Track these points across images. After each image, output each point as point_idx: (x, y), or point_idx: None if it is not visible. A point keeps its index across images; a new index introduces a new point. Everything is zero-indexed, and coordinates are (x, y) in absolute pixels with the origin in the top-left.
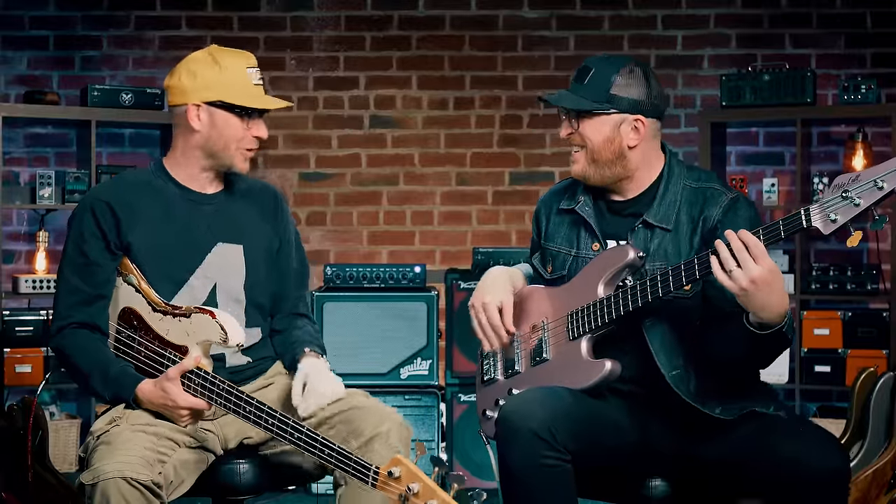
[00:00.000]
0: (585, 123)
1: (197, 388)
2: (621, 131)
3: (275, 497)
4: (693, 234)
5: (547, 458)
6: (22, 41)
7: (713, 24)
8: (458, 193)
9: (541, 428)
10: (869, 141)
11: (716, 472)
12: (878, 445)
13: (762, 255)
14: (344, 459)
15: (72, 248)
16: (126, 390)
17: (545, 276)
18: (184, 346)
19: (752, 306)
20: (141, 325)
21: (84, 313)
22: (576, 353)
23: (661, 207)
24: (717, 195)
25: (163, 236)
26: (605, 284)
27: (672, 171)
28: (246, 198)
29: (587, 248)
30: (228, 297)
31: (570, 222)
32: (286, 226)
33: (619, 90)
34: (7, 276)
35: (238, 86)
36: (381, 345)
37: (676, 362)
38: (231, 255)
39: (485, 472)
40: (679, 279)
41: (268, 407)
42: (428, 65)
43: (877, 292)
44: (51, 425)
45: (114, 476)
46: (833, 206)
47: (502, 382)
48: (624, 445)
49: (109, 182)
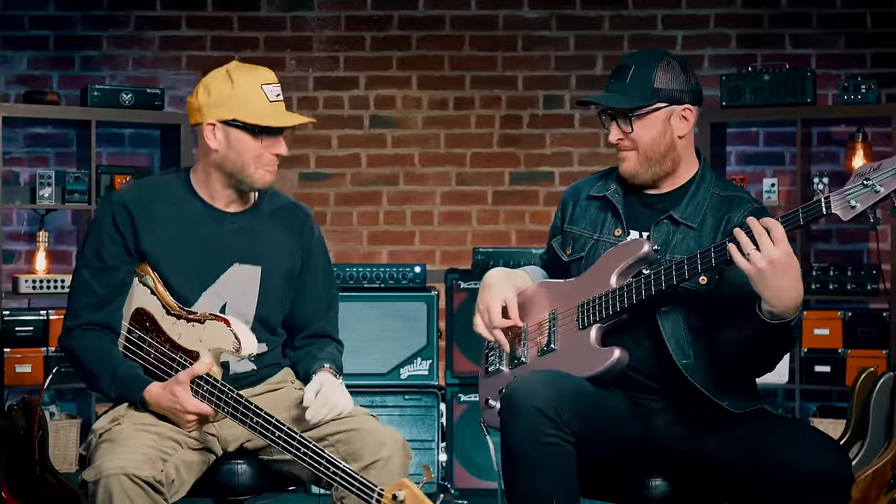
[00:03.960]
0: (637, 124)
1: (205, 394)
2: (671, 124)
3: (275, 497)
4: (716, 235)
5: (550, 437)
6: (22, 41)
7: (713, 24)
8: (458, 193)
9: (546, 405)
10: (869, 141)
11: (718, 468)
12: (878, 445)
13: (781, 239)
14: (348, 478)
15: (89, 250)
16: (133, 391)
17: (563, 259)
18: (195, 352)
19: (766, 290)
20: (153, 327)
21: (96, 315)
22: (584, 342)
23: (689, 207)
24: (743, 202)
25: (179, 251)
26: (619, 276)
27: (705, 177)
28: (273, 217)
29: (609, 233)
30: (236, 315)
31: (597, 207)
32: (312, 247)
33: (663, 83)
34: (7, 276)
35: (252, 103)
36: (381, 345)
37: (687, 352)
38: (246, 276)
39: (485, 472)
40: (695, 267)
41: (275, 419)
42: (428, 65)
43: (877, 292)
44: (51, 425)
45: (116, 472)
46: (854, 194)
47: (507, 373)
48: (626, 438)
49: (133, 186)
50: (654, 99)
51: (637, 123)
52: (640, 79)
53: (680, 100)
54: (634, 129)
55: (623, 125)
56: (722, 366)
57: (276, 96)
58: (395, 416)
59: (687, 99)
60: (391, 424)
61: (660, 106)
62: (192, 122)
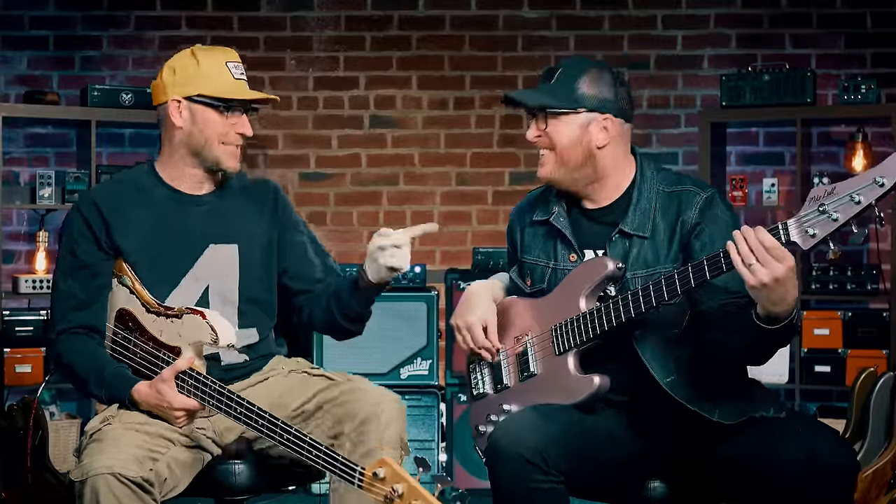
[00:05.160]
0: (553, 123)
1: (191, 388)
2: (590, 131)
3: (275, 497)
4: (671, 239)
5: (539, 483)
6: (22, 41)
7: (713, 24)
8: (458, 193)
9: (531, 453)
10: (869, 141)
11: (716, 474)
12: (878, 445)
13: (784, 256)
14: (330, 460)
15: (64, 252)
16: (121, 392)
17: (525, 290)
18: (177, 348)
19: (768, 301)
20: (136, 327)
21: (80, 317)
22: (563, 369)
23: (637, 215)
24: (691, 196)
25: (153, 240)
26: (587, 298)
27: (644, 176)
28: (243, 195)
29: (564, 259)
30: (221, 298)
31: (544, 233)
32: (287, 214)
33: (587, 89)
34: (7, 276)
35: (216, 79)
36: (381, 345)
37: (670, 368)
38: (224, 255)
39: (484, 472)
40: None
41: (257, 408)
42: (428, 65)
43: (877, 292)
44: (51, 425)
45: (103, 472)
46: (810, 221)
47: (493, 397)
48: (618, 458)
49: (101, 184)
50: (574, 103)
51: (553, 122)
52: (564, 80)
53: (601, 109)
54: (549, 126)
55: (539, 122)
56: (710, 369)
57: (240, 74)
58: None
59: (610, 109)
60: None
61: (578, 110)
62: (155, 102)
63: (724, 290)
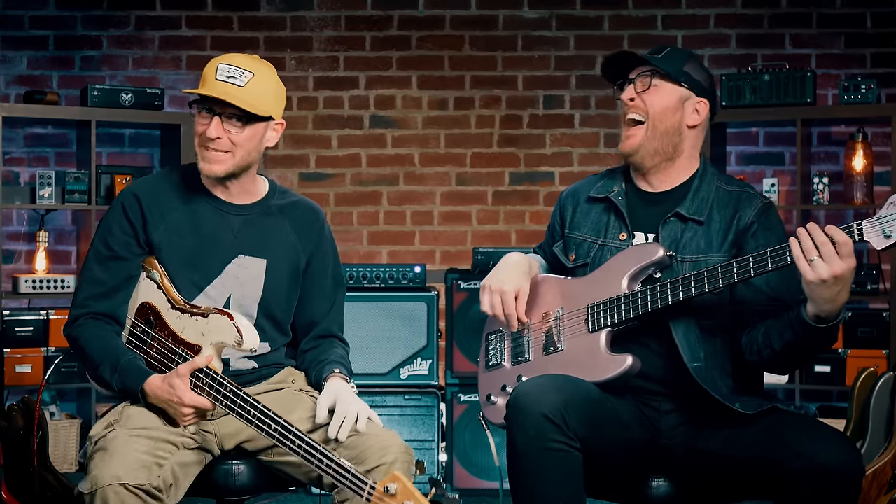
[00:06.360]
0: (653, 90)
1: (204, 387)
2: (685, 107)
3: (275, 497)
4: (727, 231)
5: (555, 442)
6: (22, 41)
7: (713, 24)
8: (458, 193)
9: (552, 411)
10: (869, 141)
11: (728, 465)
12: (878, 445)
13: (850, 255)
14: (342, 472)
15: (99, 240)
16: (135, 382)
17: (567, 265)
18: (197, 346)
19: (822, 297)
20: (157, 321)
21: (102, 305)
22: (594, 346)
23: (695, 202)
24: (752, 198)
25: (186, 242)
26: (630, 279)
27: (707, 171)
28: (282, 213)
29: (615, 237)
30: (240, 309)
31: (599, 210)
32: (320, 245)
33: (692, 71)
34: (7, 276)
35: (203, 79)
36: (381, 345)
37: (698, 355)
38: (251, 267)
39: (485, 472)
40: (746, 271)
41: (272, 412)
42: (428, 65)
43: (877, 292)
44: (51, 425)
45: (112, 483)
46: (890, 222)
47: (509, 369)
48: (633, 442)
49: (148, 177)
50: (681, 76)
51: (654, 89)
52: (674, 57)
53: (699, 92)
54: (649, 92)
55: (638, 87)
56: (737, 367)
57: (226, 76)
58: (395, 416)
59: (706, 94)
60: (391, 424)
61: (682, 83)
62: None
63: (768, 292)
